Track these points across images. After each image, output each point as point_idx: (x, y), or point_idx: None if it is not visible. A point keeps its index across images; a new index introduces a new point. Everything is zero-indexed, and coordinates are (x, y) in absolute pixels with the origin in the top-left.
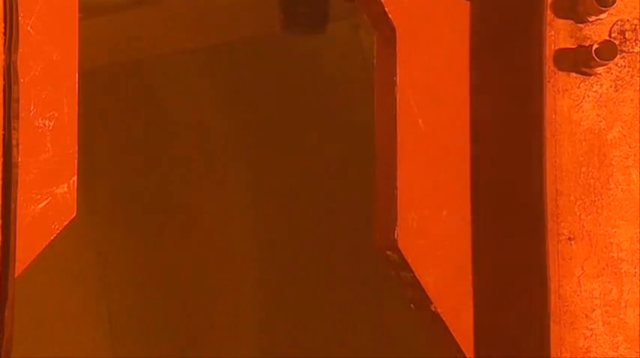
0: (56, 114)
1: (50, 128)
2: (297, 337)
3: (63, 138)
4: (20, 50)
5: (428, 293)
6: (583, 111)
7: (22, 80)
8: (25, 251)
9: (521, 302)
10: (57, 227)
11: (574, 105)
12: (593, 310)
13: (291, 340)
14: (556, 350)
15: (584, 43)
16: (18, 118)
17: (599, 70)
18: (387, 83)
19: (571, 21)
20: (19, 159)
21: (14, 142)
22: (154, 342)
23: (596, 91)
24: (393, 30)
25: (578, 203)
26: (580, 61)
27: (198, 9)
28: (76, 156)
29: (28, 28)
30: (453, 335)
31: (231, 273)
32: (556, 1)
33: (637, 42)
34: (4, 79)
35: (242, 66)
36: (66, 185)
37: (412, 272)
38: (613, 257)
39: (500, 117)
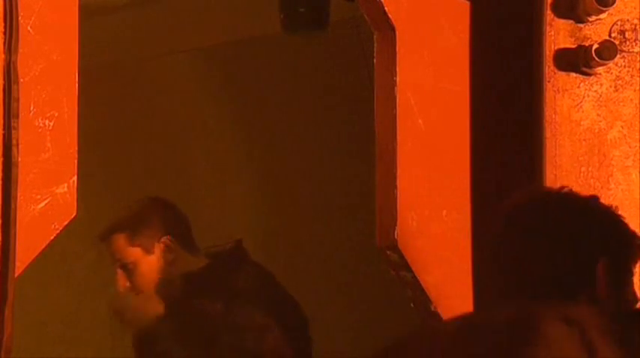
0: (56, 114)
1: (50, 128)
2: None
3: (63, 138)
4: (20, 50)
5: (428, 293)
6: (583, 111)
7: (22, 80)
8: (25, 251)
9: None
10: (57, 227)
11: (574, 105)
12: None
13: None
14: None
15: (584, 43)
16: (18, 118)
17: (599, 70)
18: (387, 83)
19: (571, 21)
20: (19, 159)
21: (14, 142)
22: None
23: (596, 91)
24: (393, 30)
25: None
26: (580, 61)
27: (197, 9)
28: (76, 156)
29: (28, 28)
30: None
31: None
32: (556, 1)
33: (637, 42)
34: (4, 79)
35: (242, 66)
36: (66, 185)
37: (412, 272)
38: None
39: (500, 117)
